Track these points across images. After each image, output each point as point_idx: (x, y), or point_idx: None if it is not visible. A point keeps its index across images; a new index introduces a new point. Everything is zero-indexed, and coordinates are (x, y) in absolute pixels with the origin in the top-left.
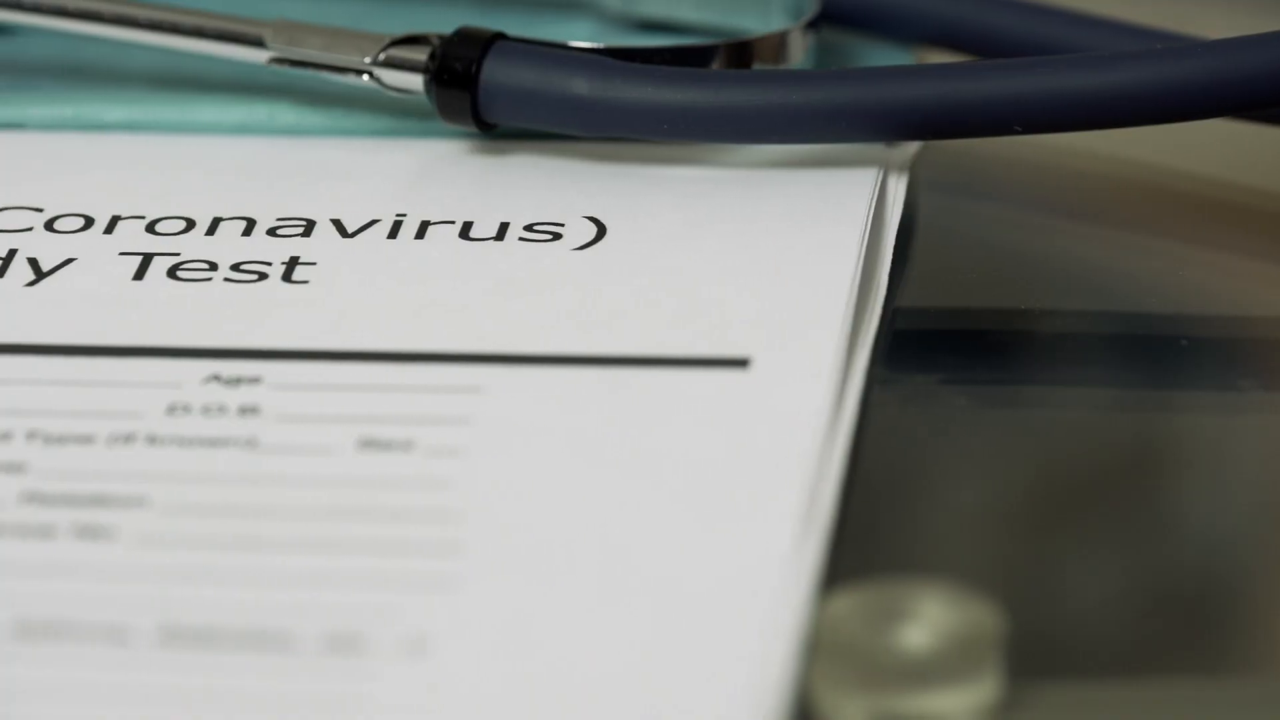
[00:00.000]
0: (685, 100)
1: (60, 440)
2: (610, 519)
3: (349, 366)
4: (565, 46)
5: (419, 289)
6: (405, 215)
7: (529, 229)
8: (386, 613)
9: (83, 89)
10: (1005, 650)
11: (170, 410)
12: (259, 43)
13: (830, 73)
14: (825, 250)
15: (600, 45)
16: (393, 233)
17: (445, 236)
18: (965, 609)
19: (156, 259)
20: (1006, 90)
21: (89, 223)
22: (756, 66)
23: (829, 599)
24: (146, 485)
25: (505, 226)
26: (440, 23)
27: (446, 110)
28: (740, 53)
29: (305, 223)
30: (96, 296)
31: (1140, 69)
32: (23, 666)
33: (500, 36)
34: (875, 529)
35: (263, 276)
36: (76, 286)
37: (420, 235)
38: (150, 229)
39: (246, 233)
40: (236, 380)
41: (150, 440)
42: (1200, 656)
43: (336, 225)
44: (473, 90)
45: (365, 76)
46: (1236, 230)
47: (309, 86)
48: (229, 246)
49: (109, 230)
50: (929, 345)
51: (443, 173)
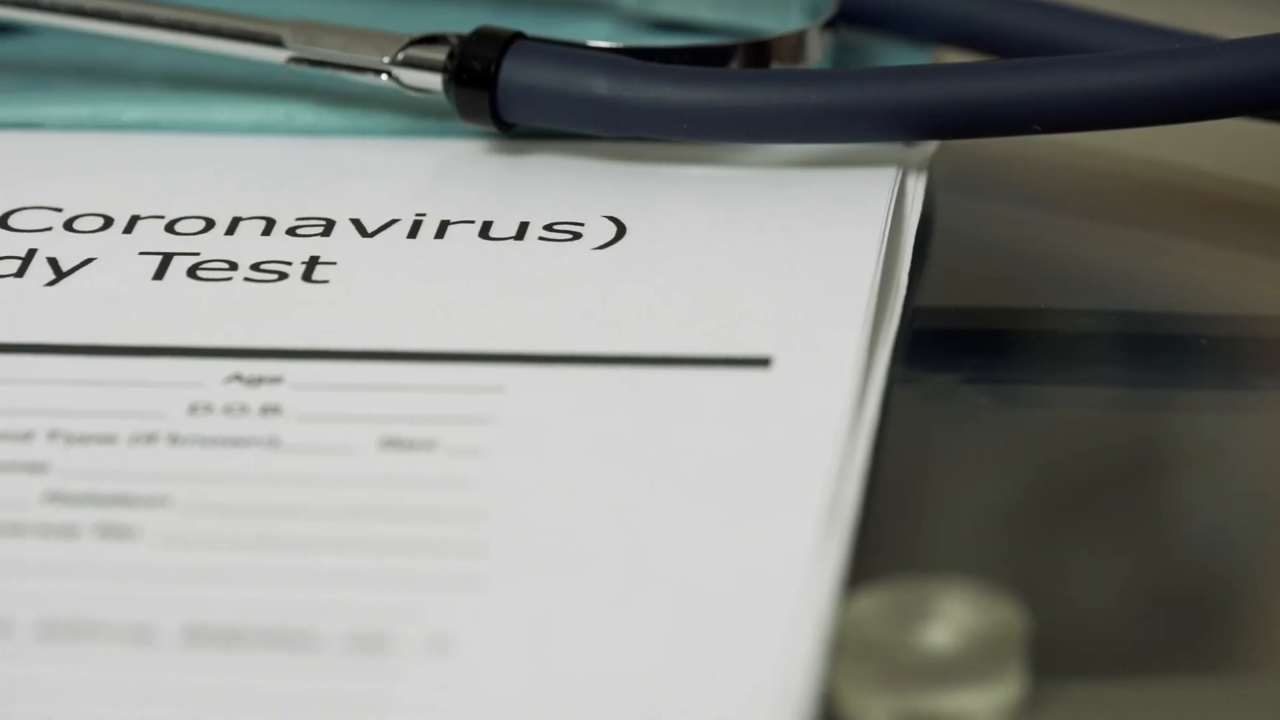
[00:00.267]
0: (705, 100)
1: (82, 440)
2: (633, 518)
3: (370, 366)
4: (584, 46)
5: (439, 288)
6: (425, 215)
7: (549, 228)
8: (410, 612)
9: (100, 89)
10: (1028, 649)
11: (192, 410)
12: (277, 42)
13: (849, 72)
14: (845, 250)
15: (619, 45)
16: (412, 232)
17: (465, 236)
18: (988, 608)
19: (176, 259)
20: (1025, 90)
21: (108, 222)
22: (775, 66)
23: (852, 598)
24: (169, 485)
25: (525, 226)
26: (453, 22)
27: (465, 110)
28: (759, 52)
29: (325, 222)
30: (117, 296)
31: (1158, 69)
32: (47, 666)
33: (519, 36)
34: (897, 528)
35: (283, 276)
36: (96, 286)
37: (440, 235)
38: (170, 229)
39: (266, 232)
40: (258, 380)
41: (172, 440)
42: (1225, 655)
43: (356, 225)
44: (492, 90)
45: (384, 76)
46: (1254, 229)
47: (326, 86)
48: (249, 246)
49: (128, 230)
50: (949, 345)
51: (461, 172)
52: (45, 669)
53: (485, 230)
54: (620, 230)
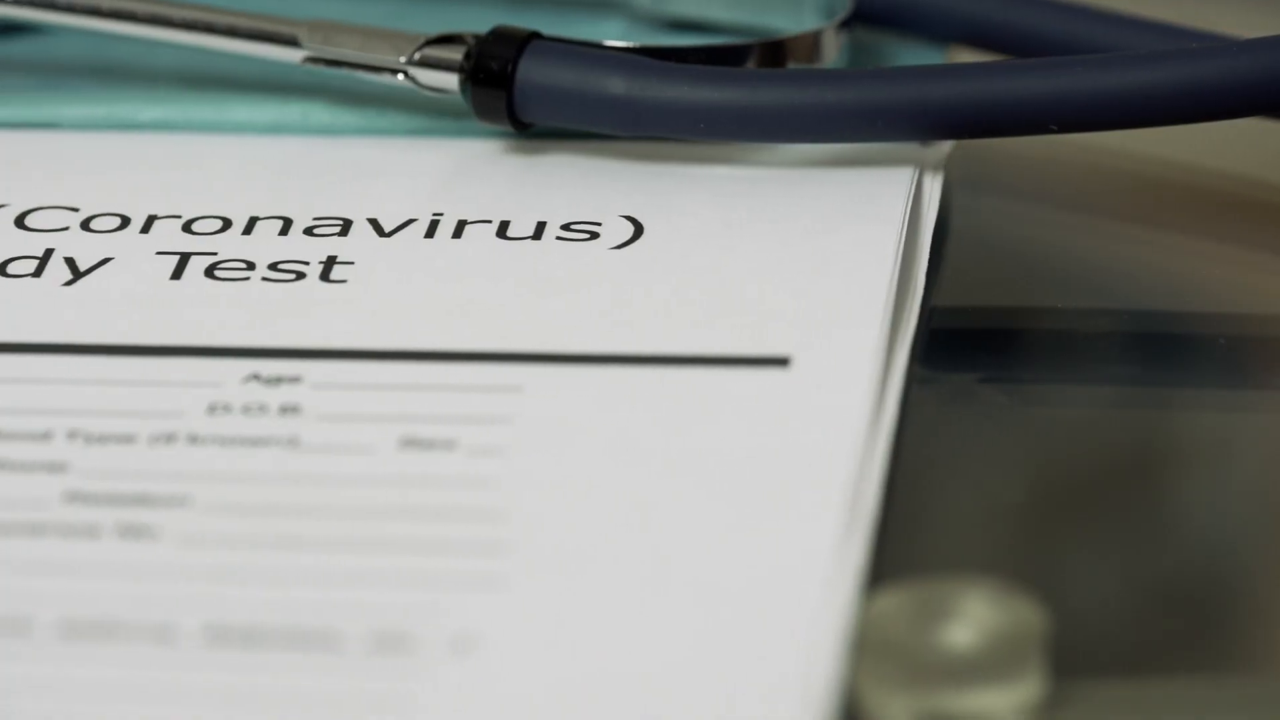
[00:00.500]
0: (722, 100)
1: (101, 440)
2: (654, 518)
3: (389, 366)
4: (600, 46)
5: (457, 288)
6: (442, 215)
7: (566, 228)
8: (432, 612)
9: (116, 89)
10: (1049, 648)
11: (211, 410)
12: (294, 42)
13: (866, 72)
14: (863, 249)
15: (635, 45)
16: (430, 232)
17: (482, 236)
18: (1008, 607)
19: (194, 258)
20: (1043, 89)
21: (125, 222)
22: (790, 66)
23: (872, 597)
24: (189, 485)
25: (542, 226)
26: (465, 22)
27: (482, 110)
28: (774, 52)
29: (342, 222)
30: (134, 296)
31: (1175, 68)
32: (68, 666)
33: (536, 36)
34: (917, 527)
35: (300, 276)
36: (114, 286)
37: (457, 234)
38: (187, 228)
39: (283, 232)
40: (277, 379)
41: (191, 440)
42: (1250, 653)
43: (373, 224)
44: (508, 89)
45: (400, 76)
46: (1272, 229)
47: (341, 86)
48: (266, 246)
49: (145, 230)
50: (966, 344)
51: (478, 172)
52: (66, 668)
53: (503, 230)
54: (638, 230)
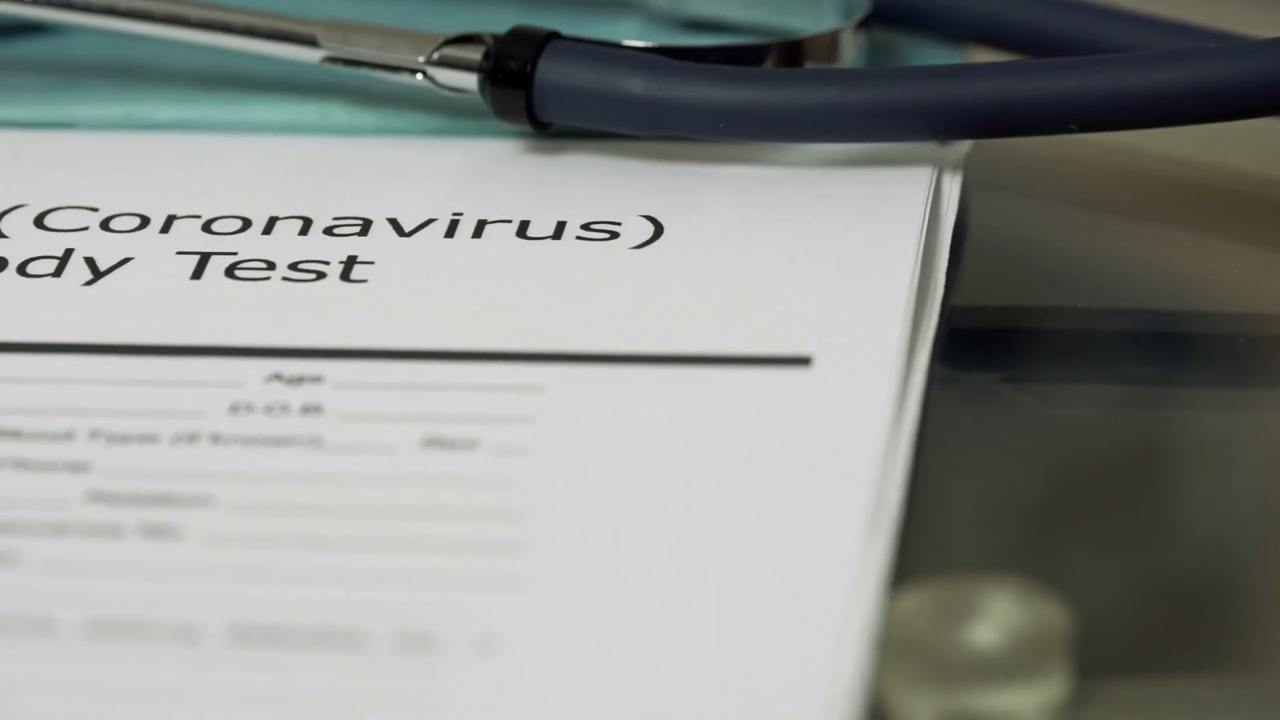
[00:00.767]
0: (742, 99)
1: (123, 439)
2: (677, 517)
3: (410, 365)
4: (619, 46)
5: (478, 288)
6: (462, 214)
7: (586, 228)
8: (456, 612)
9: (133, 88)
10: (1073, 647)
11: (233, 409)
12: (312, 42)
13: (885, 71)
14: (883, 248)
15: (653, 44)
16: (450, 232)
17: (502, 235)
18: (1033, 606)
19: (214, 258)
20: (1063, 89)
21: (145, 222)
22: (808, 66)
23: (897, 597)
24: (212, 485)
25: (562, 225)
26: (480, 21)
27: (501, 109)
28: (793, 52)
29: (362, 222)
30: (155, 295)
31: (1194, 68)
32: (93, 665)
33: (555, 35)
34: (941, 526)
35: (321, 275)
36: (134, 286)
37: (477, 234)
38: (206, 228)
39: (303, 232)
40: (298, 379)
41: (214, 439)
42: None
43: (393, 224)
44: (528, 89)
45: (419, 76)
46: None
47: (359, 85)
48: (286, 246)
49: (165, 230)
50: (987, 343)
51: (497, 172)
52: (91, 668)
53: (523, 230)
54: (658, 230)
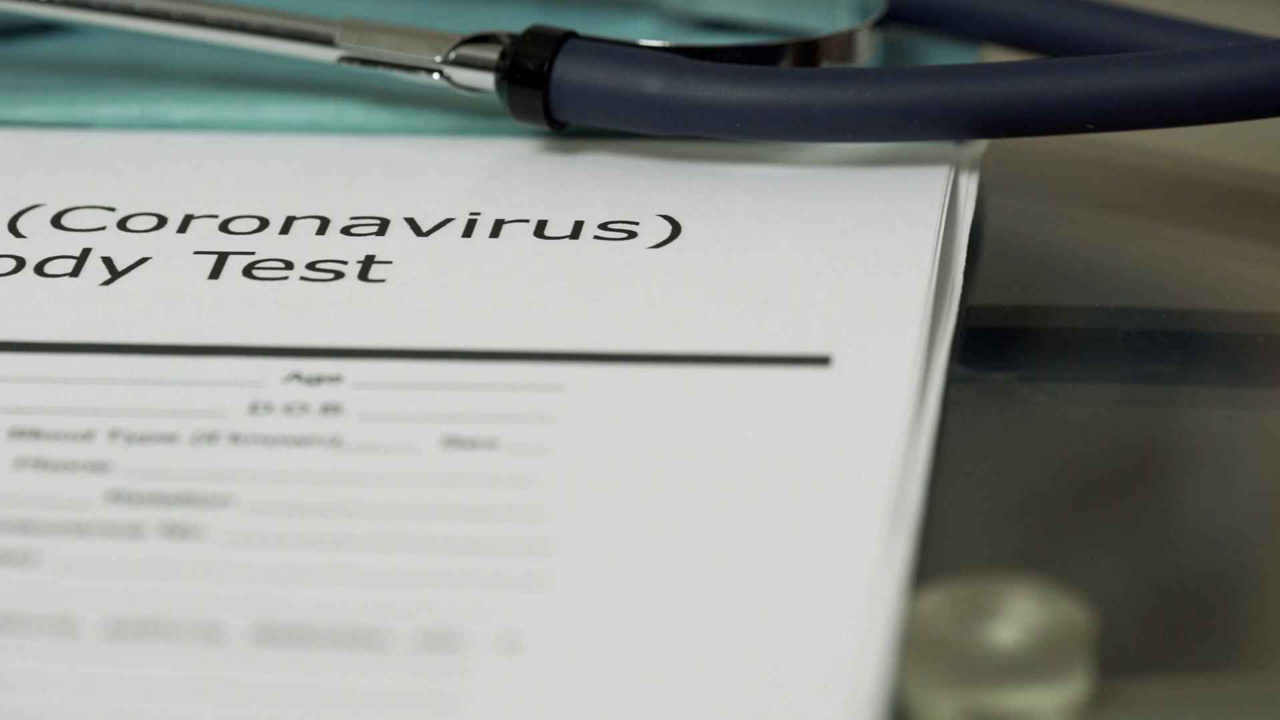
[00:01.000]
0: (759, 99)
1: (143, 439)
2: (696, 516)
3: (429, 365)
4: (636, 45)
5: (496, 287)
6: (479, 214)
7: (604, 227)
8: (479, 610)
9: (149, 88)
10: (1094, 646)
11: (252, 409)
12: (329, 41)
13: (902, 71)
14: (901, 248)
15: (670, 44)
16: (467, 231)
17: (520, 235)
18: (1054, 605)
19: (232, 258)
20: (1080, 89)
21: (162, 222)
22: (824, 65)
23: (918, 596)
24: (232, 484)
25: (579, 225)
26: (492, 21)
27: (518, 109)
28: (809, 52)
29: (379, 221)
30: (173, 295)
31: (1211, 67)
32: (116, 665)
33: (572, 35)
34: (961, 526)
35: (339, 275)
36: (152, 285)
37: (495, 234)
38: (224, 228)
39: (321, 231)
40: (317, 379)
41: (234, 439)
42: None
43: (411, 224)
44: (545, 89)
45: (436, 75)
46: None
47: (375, 85)
48: (304, 245)
49: (182, 229)
50: (1004, 343)
51: (514, 171)
52: (113, 668)
53: (540, 229)
54: (676, 229)
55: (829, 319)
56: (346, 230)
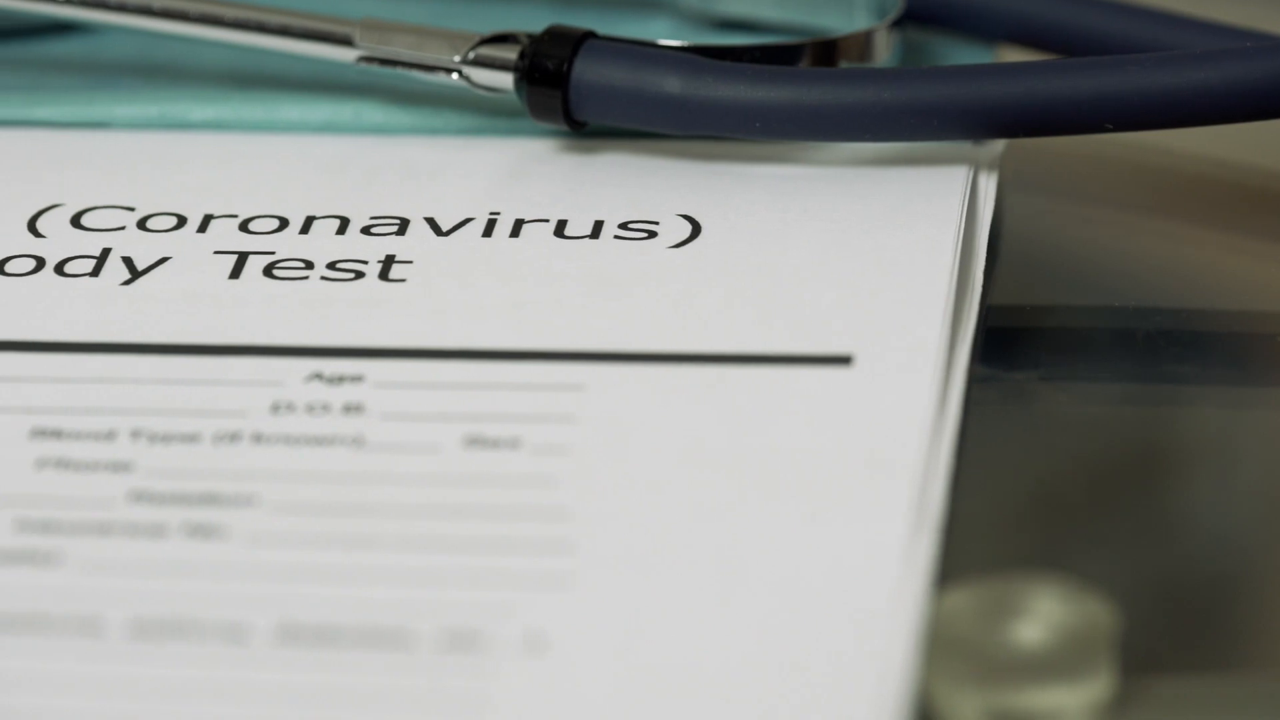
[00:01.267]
0: (778, 99)
1: (165, 439)
2: (720, 516)
3: (450, 365)
4: (655, 45)
5: (516, 287)
6: (499, 214)
7: (623, 227)
8: (503, 610)
9: (167, 88)
10: (1119, 645)
11: (274, 409)
12: (348, 41)
13: (921, 71)
14: (921, 247)
15: (688, 44)
16: (487, 231)
17: (540, 235)
18: (1078, 604)
19: (252, 257)
20: (1098, 88)
21: (181, 221)
22: (842, 65)
23: (942, 595)
24: (255, 484)
25: (599, 225)
26: (508, 21)
27: (537, 109)
28: (827, 51)
29: (399, 221)
30: (193, 295)
31: (1231, 67)
32: (140, 665)
33: (591, 35)
34: (984, 525)
35: (359, 275)
36: (173, 285)
37: (515, 234)
38: (244, 228)
39: (341, 231)
40: (339, 378)
41: (256, 439)
42: None
43: (431, 224)
44: (564, 89)
45: (455, 75)
46: None
47: (393, 84)
48: (324, 245)
49: (202, 229)
50: (1025, 342)
51: (534, 171)
52: (137, 668)
53: (560, 229)
54: (695, 229)
55: (850, 319)
56: (367, 230)
